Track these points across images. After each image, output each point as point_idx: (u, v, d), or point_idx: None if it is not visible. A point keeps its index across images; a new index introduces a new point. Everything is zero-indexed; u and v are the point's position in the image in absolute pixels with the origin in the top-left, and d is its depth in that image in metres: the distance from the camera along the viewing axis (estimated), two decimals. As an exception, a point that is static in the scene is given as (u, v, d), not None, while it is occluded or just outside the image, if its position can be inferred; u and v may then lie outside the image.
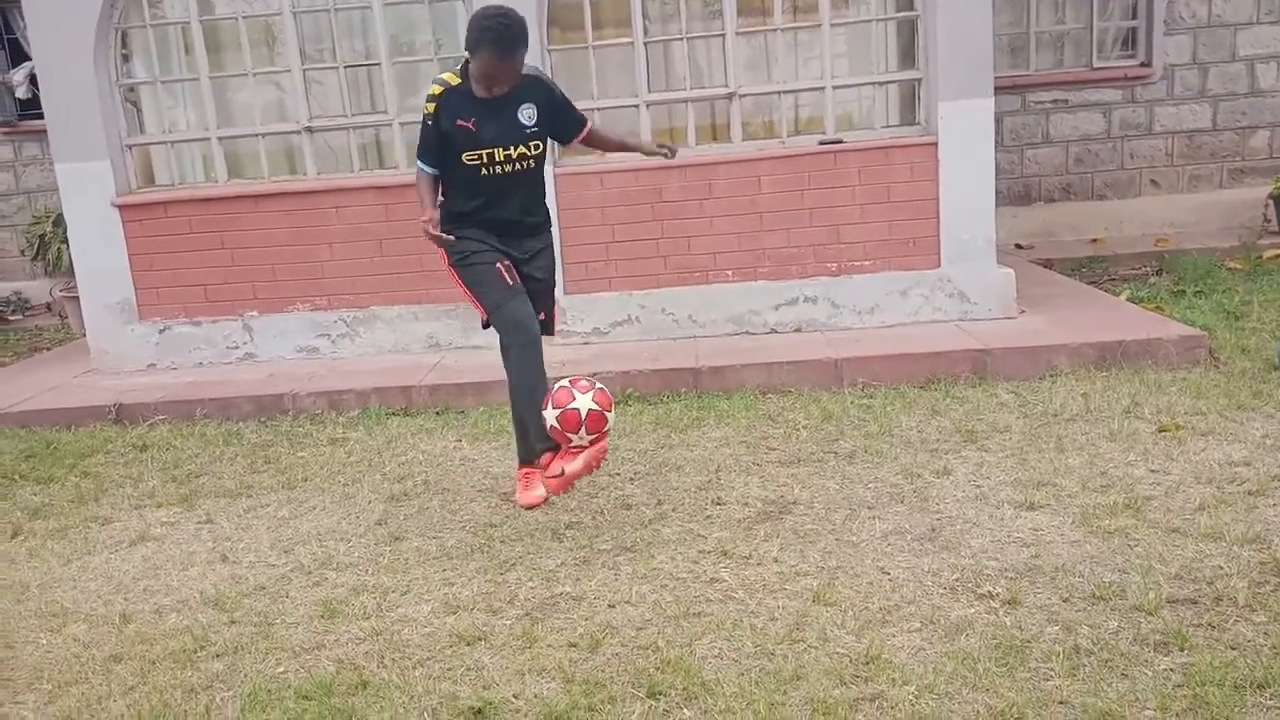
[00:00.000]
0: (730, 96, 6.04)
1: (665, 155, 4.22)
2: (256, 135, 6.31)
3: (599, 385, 3.61)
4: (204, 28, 6.18)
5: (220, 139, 6.31)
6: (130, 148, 6.33)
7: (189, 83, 6.32)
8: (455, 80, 3.70)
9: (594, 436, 3.54)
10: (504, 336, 3.81)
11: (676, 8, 6.05)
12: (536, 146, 3.78)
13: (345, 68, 6.21)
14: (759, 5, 6.09)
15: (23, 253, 9.13)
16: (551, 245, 4.07)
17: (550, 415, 3.54)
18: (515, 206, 3.85)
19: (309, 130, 6.22)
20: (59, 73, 6.12)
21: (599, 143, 4.19)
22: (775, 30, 6.02)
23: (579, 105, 5.96)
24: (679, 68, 6.19)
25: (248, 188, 6.26)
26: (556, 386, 3.60)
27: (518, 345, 3.78)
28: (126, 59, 6.33)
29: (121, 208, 6.24)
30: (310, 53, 6.24)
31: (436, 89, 3.71)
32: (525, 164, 3.77)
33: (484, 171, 3.73)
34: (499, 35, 3.50)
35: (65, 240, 7.25)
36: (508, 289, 3.80)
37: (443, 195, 3.86)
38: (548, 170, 5.87)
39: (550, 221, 4.07)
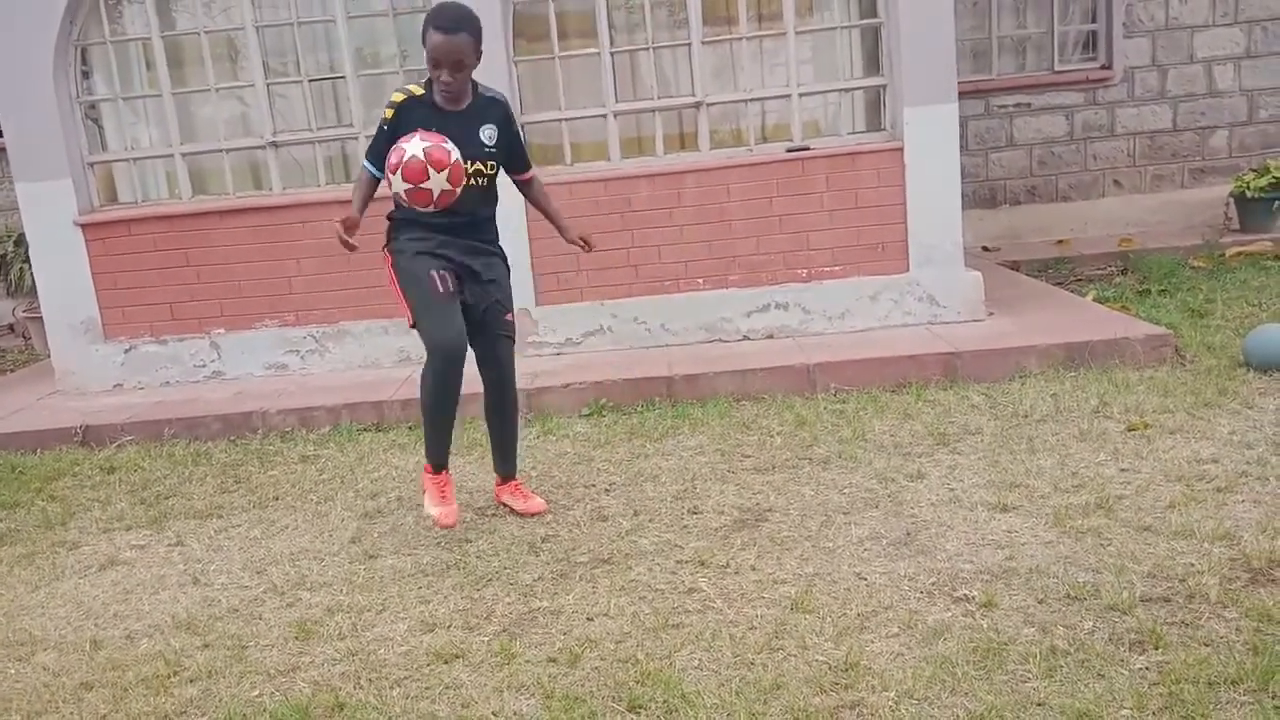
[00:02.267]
0: (697, 105, 6.06)
1: (582, 248, 4.07)
2: (221, 151, 6.25)
3: (426, 131, 3.55)
4: (165, 43, 6.12)
5: (184, 155, 6.24)
6: (92, 166, 6.26)
7: (151, 99, 6.26)
8: (419, 91, 3.69)
9: (449, 174, 3.46)
10: (426, 345, 3.71)
11: (642, 17, 6.07)
12: (492, 166, 3.76)
13: (310, 81, 6.16)
14: (724, 14, 6.12)
15: (-17, 273, 8.99)
16: (504, 268, 3.94)
17: (399, 184, 3.47)
18: (466, 224, 3.77)
19: (274, 145, 6.17)
20: (18, 91, 6.03)
21: (532, 196, 4.08)
22: (741, 39, 6.05)
23: (546, 117, 6.08)
24: (646, 77, 6.21)
25: (213, 204, 6.20)
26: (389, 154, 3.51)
27: (436, 362, 3.68)
28: (87, 75, 6.26)
29: (84, 226, 6.16)
30: (274, 66, 6.19)
31: (399, 96, 3.69)
32: (480, 181, 3.72)
33: None
34: (441, 11, 3.53)
35: (27, 260, 7.16)
36: (439, 295, 3.67)
37: (398, 203, 3.75)
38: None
39: (497, 236, 3.95)
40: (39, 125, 6.04)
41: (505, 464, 4.11)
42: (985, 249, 8.39)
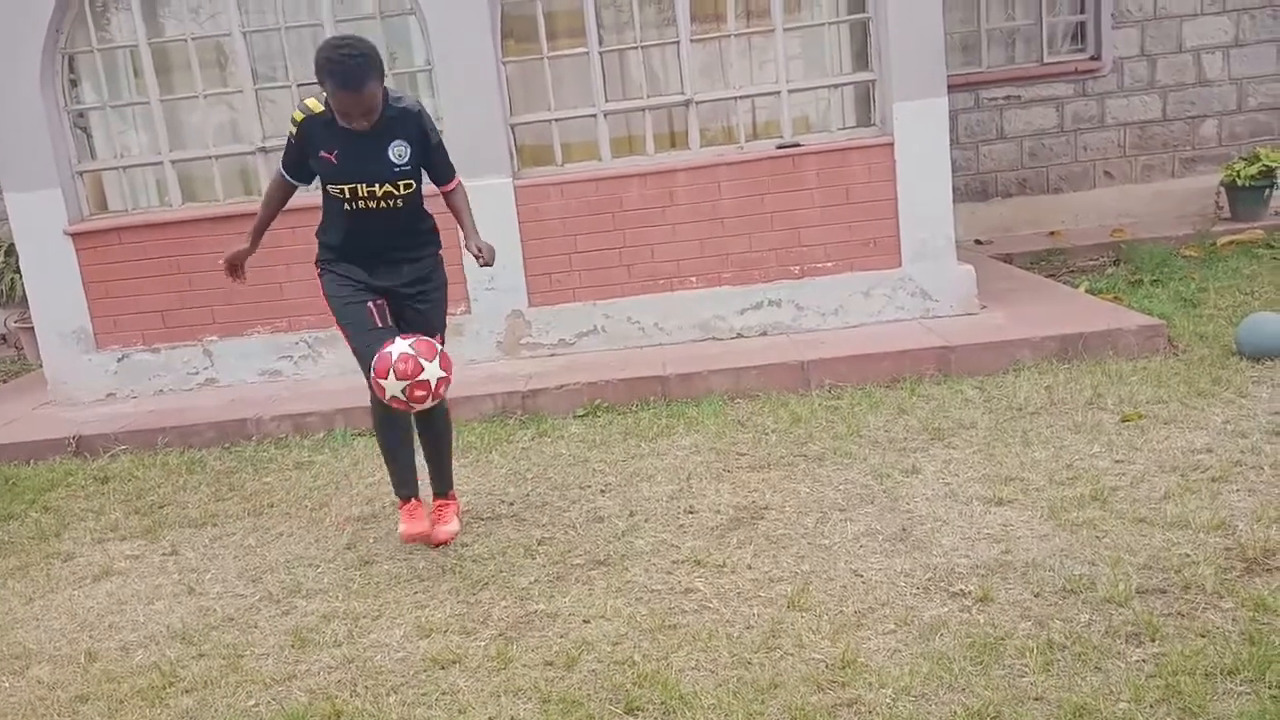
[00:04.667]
0: (687, 103, 6.05)
1: (476, 257, 3.67)
2: (210, 157, 6.23)
3: (419, 339, 3.50)
4: (153, 50, 6.10)
5: (173, 162, 6.22)
6: (81, 174, 6.23)
7: (139, 106, 6.24)
8: (318, 108, 3.46)
9: (439, 360, 3.44)
10: (368, 382, 3.65)
11: (630, 16, 6.06)
12: (408, 186, 3.54)
13: (298, 86, 6.14)
14: (712, 11, 6.11)
15: (-26, 284, 8.95)
16: (437, 272, 3.81)
17: (394, 387, 3.40)
18: (384, 242, 3.64)
19: (263, 150, 6.15)
20: (5, 100, 6.00)
21: (452, 204, 3.80)
22: (729, 36, 6.04)
23: (536, 118, 6.07)
24: (635, 76, 6.20)
25: (202, 210, 6.18)
26: (374, 360, 3.46)
27: (377, 403, 3.67)
28: (75, 84, 6.23)
29: (74, 235, 6.13)
30: (262, 72, 6.17)
31: (298, 115, 3.49)
32: (393, 202, 3.54)
33: (347, 206, 3.54)
34: (340, 68, 3.24)
35: (18, 270, 7.13)
36: (374, 332, 3.60)
37: (322, 218, 3.71)
38: (507, 183, 5.89)
39: (434, 247, 3.80)
40: (27, 134, 6.01)
41: (437, 481, 3.99)
42: (977, 242, 8.39)
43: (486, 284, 6.03)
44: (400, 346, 3.42)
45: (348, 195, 3.52)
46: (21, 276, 6.49)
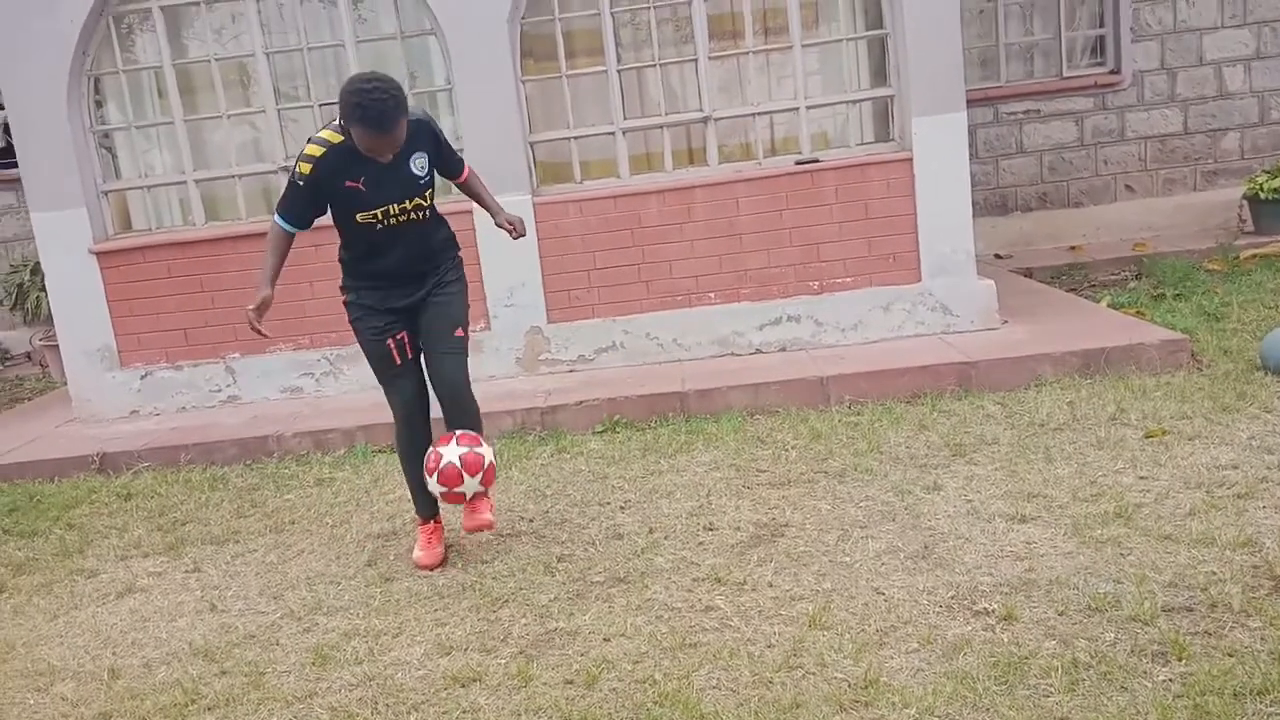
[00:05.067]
0: (705, 120, 6.07)
1: (509, 233, 3.90)
2: (233, 177, 6.29)
3: (463, 431, 3.74)
4: (177, 71, 6.17)
5: (197, 181, 6.29)
6: (106, 194, 6.31)
7: (163, 126, 6.31)
8: (337, 138, 3.46)
9: (482, 477, 3.66)
10: (391, 408, 3.92)
11: (648, 34, 6.09)
12: (430, 196, 3.66)
13: (320, 106, 6.20)
14: (730, 29, 6.13)
15: (1, 302, 9.06)
16: (455, 270, 3.85)
17: (434, 487, 3.69)
18: (407, 254, 3.69)
19: (285, 170, 6.20)
20: (32, 121, 6.09)
21: (471, 190, 3.95)
22: (747, 53, 6.06)
23: (556, 135, 6.10)
24: (653, 93, 6.22)
25: (226, 229, 6.24)
26: (428, 454, 3.72)
27: (400, 423, 3.91)
28: (100, 105, 6.32)
29: (99, 254, 6.20)
30: (284, 92, 6.24)
31: (316, 150, 3.47)
32: (420, 213, 3.63)
33: (379, 226, 3.58)
34: (373, 112, 3.26)
35: (44, 288, 7.21)
36: (395, 369, 3.82)
37: (340, 244, 3.78)
38: (526, 200, 5.92)
39: (453, 251, 3.86)
40: (54, 155, 6.10)
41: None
42: (997, 256, 8.35)
43: (506, 300, 6.05)
44: (451, 455, 3.64)
45: (379, 218, 3.58)
46: (47, 294, 6.56)
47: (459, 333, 3.80)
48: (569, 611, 3.34)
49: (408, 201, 3.57)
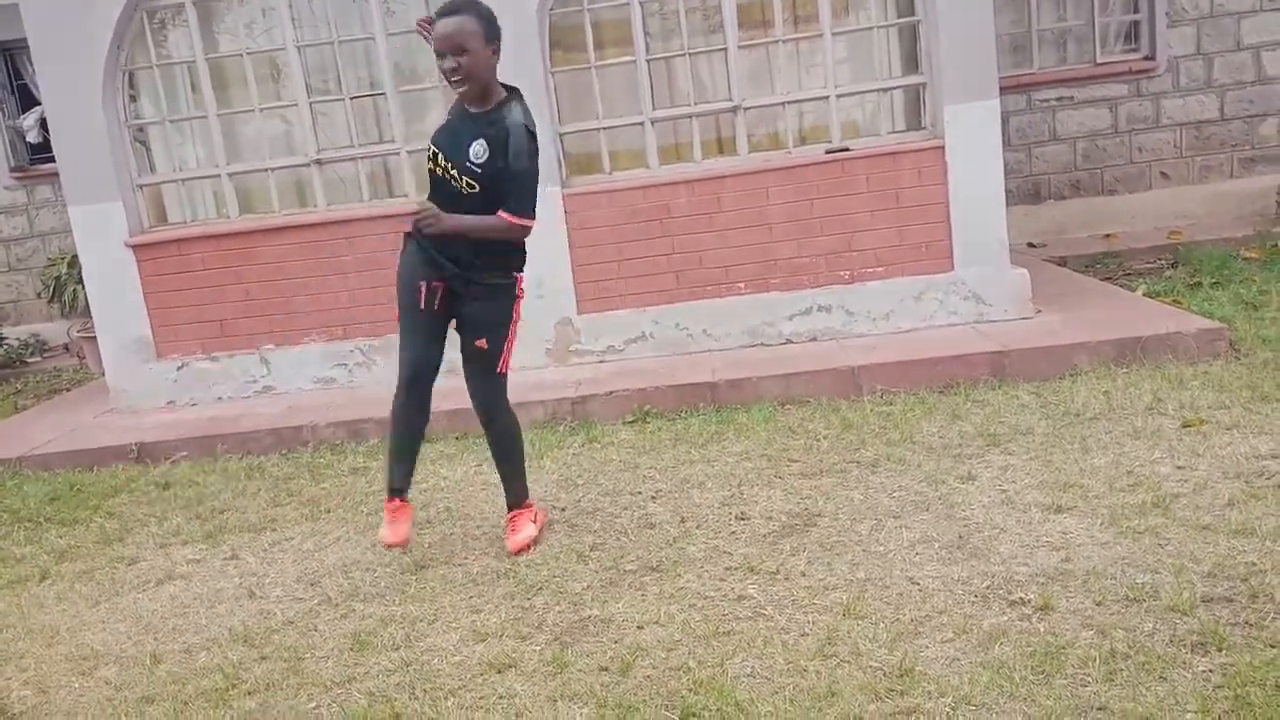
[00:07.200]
0: (735, 110, 6.05)
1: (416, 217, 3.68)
2: (266, 170, 6.35)
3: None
4: (210, 65, 6.23)
5: (230, 175, 6.35)
6: (141, 187, 6.38)
7: (197, 120, 6.37)
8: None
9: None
10: (399, 375, 3.81)
11: (677, 23, 6.07)
12: (470, 185, 3.53)
13: (351, 98, 6.24)
14: (760, 17, 6.10)
15: (39, 295, 9.21)
16: (493, 296, 3.73)
17: None
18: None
19: (318, 162, 6.26)
20: (69, 116, 6.18)
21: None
22: (777, 41, 6.03)
23: (585, 126, 6.10)
24: (682, 83, 6.20)
25: (259, 222, 6.30)
26: None
27: (401, 386, 3.79)
28: (134, 99, 6.39)
29: (135, 247, 6.28)
30: (316, 85, 6.28)
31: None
32: (461, 189, 3.54)
33: (433, 169, 3.62)
34: (445, 5, 3.55)
35: (80, 281, 7.32)
36: (417, 315, 3.70)
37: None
38: (555, 192, 5.92)
39: (500, 271, 3.71)
40: (90, 149, 6.18)
41: (507, 493, 3.98)
42: (1031, 245, 8.27)
43: (536, 292, 6.06)
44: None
45: (432, 158, 3.62)
46: (84, 287, 6.65)
47: (480, 343, 3.73)
48: (602, 599, 3.36)
49: (451, 164, 3.57)
